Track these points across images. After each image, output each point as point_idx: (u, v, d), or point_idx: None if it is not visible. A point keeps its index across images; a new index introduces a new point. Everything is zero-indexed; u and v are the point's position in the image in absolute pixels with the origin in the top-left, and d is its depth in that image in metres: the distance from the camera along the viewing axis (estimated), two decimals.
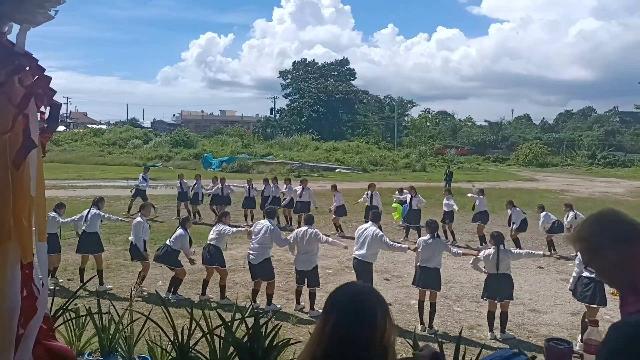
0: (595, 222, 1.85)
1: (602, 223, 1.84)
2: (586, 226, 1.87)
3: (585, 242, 1.83)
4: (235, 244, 12.50)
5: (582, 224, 1.91)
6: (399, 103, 71.74)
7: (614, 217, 1.86)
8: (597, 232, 1.80)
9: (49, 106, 2.17)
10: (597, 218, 1.87)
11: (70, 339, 4.92)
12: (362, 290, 1.61)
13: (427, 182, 32.72)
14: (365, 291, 1.60)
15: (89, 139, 53.18)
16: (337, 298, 1.57)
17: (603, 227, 1.82)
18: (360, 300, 1.54)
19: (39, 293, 2.17)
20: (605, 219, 1.86)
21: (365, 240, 7.91)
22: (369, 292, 1.59)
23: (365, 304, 1.53)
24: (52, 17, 2.04)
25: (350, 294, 1.57)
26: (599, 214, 1.91)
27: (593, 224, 1.85)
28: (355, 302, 1.53)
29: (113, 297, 8.21)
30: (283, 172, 36.98)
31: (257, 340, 3.55)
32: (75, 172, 33.21)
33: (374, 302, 1.54)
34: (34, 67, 2.07)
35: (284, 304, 8.51)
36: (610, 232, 1.78)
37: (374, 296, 1.57)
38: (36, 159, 2.14)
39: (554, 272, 11.04)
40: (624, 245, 1.74)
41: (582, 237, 1.85)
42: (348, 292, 1.58)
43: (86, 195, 21.10)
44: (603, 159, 53.28)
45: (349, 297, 1.55)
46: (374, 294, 1.58)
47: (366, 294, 1.58)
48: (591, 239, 1.81)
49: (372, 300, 1.55)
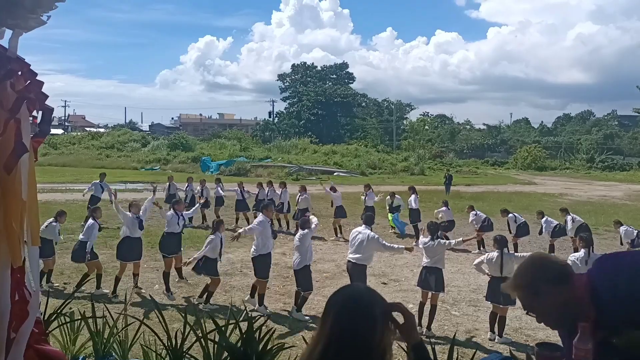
0: (530, 267, 1.95)
1: (536, 267, 1.93)
2: (522, 273, 1.95)
3: (524, 289, 1.92)
4: (233, 248, 12.47)
5: (518, 272, 1.99)
6: (398, 106, 71.83)
7: (546, 260, 1.97)
8: (534, 277, 1.89)
9: (41, 110, 2.17)
10: (530, 264, 1.97)
11: (64, 343, 4.91)
12: (360, 292, 1.61)
13: (426, 186, 32.74)
14: (363, 293, 1.60)
15: (87, 142, 53.18)
16: (334, 300, 1.58)
17: (538, 271, 1.91)
18: (358, 302, 1.54)
19: (31, 297, 2.17)
20: (538, 263, 1.96)
21: (360, 243, 7.90)
22: (367, 294, 1.59)
23: (362, 306, 1.53)
24: (44, 22, 2.05)
25: (348, 296, 1.58)
26: (530, 259, 2.02)
27: (528, 270, 1.94)
28: (353, 304, 1.54)
29: (108, 301, 8.20)
30: (281, 176, 37.02)
31: (250, 345, 3.54)
32: (73, 175, 33.16)
33: (372, 303, 1.55)
34: (25, 71, 2.07)
35: (280, 308, 8.50)
36: (546, 275, 1.88)
37: (372, 297, 1.57)
38: (28, 163, 2.14)
39: None
40: (560, 285, 1.85)
41: (520, 284, 1.93)
42: (345, 295, 1.59)
43: (83, 199, 21.05)
44: (601, 162, 53.34)
45: (346, 299, 1.56)
46: (371, 295, 1.58)
47: (364, 295, 1.58)
48: (529, 284, 1.89)
49: (370, 301, 1.55)
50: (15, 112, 2.02)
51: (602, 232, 15.30)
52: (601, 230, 15.54)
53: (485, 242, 13.66)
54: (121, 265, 8.93)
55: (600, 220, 17.14)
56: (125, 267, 8.95)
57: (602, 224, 16.48)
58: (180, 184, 17.78)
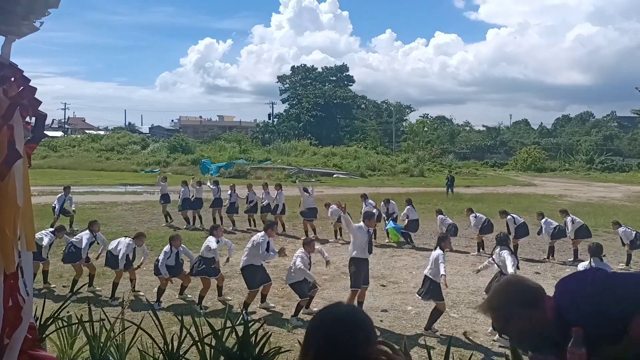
0: (504, 290, 1.99)
1: (510, 291, 1.97)
2: (496, 297, 1.99)
3: (498, 311, 1.96)
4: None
5: (492, 295, 2.03)
6: (397, 108, 71.91)
7: (521, 284, 2.00)
8: (507, 301, 1.93)
9: (34, 116, 2.17)
10: (505, 286, 2.02)
11: (62, 346, 4.91)
12: (340, 319, 1.47)
13: (425, 188, 32.76)
14: (344, 320, 1.46)
15: (86, 145, 53.23)
16: (313, 332, 1.48)
17: (512, 294, 1.95)
18: (337, 332, 1.42)
19: (24, 303, 2.17)
20: (511, 287, 2.00)
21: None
22: (347, 320, 1.46)
23: (343, 335, 1.41)
24: (37, 28, 2.05)
25: (326, 328, 1.45)
26: (505, 283, 2.06)
27: (502, 293, 1.98)
28: (332, 335, 1.42)
29: (105, 304, 8.20)
30: (281, 177, 37.03)
31: (247, 349, 3.54)
32: (73, 177, 33.15)
33: (353, 330, 1.43)
34: (19, 78, 2.07)
35: (279, 310, 8.50)
36: (519, 298, 1.92)
37: (353, 323, 1.45)
38: (22, 169, 2.14)
39: (550, 278, 11.02)
40: (531, 309, 1.90)
41: (494, 306, 1.97)
42: (324, 326, 1.47)
43: (83, 201, 21.07)
44: (601, 163, 53.37)
45: (325, 332, 1.44)
46: (353, 321, 1.46)
47: (344, 322, 1.45)
48: (502, 308, 1.93)
49: (351, 328, 1.44)
50: (8, 118, 2.02)
51: (602, 233, 15.30)
52: (600, 231, 15.54)
53: (485, 243, 13.67)
54: (117, 272, 8.91)
55: (599, 222, 17.14)
56: (121, 274, 8.94)
57: (601, 225, 16.48)
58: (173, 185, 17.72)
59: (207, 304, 8.67)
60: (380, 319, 8.14)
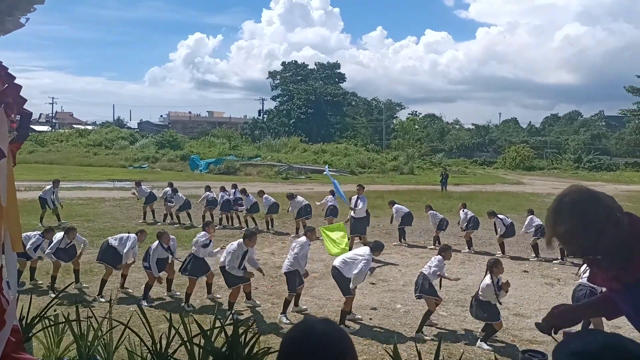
0: (595, 201, 1.61)
1: (602, 200, 1.62)
2: (586, 210, 1.60)
3: (589, 227, 1.58)
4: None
5: (574, 210, 1.62)
6: (387, 106, 72.00)
7: (602, 194, 1.65)
8: (603, 212, 1.59)
9: (19, 115, 2.12)
10: (592, 197, 1.63)
11: (48, 345, 4.85)
12: (314, 342, 1.30)
13: (415, 185, 32.87)
14: (316, 344, 1.30)
15: (74, 140, 52.74)
16: (286, 351, 1.34)
17: (606, 204, 1.60)
18: (310, 351, 1.29)
19: (8, 305, 2.12)
20: (601, 196, 1.64)
21: None
22: (320, 344, 1.30)
23: (316, 355, 1.28)
24: (22, 24, 2.00)
25: (298, 347, 1.31)
26: (579, 193, 1.65)
27: (594, 205, 1.60)
28: (304, 352, 1.29)
29: (92, 302, 8.13)
30: (271, 174, 36.95)
31: (236, 349, 3.51)
32: (60, 173, 32.77)
33: (326, 350, 1.28)
34: (3, 75, 2.02)
35: (268, 308, 8.47)
36: (613, 204, 1.60)
37: (327, 346, 1.29)
38: (6, 168, 2.09)
39: (538, 276, 11.11)
40: (624, 216, 1.59)
41: (586, 222, 1.58)
42: (298, 352, 1.31)
43: (71, 196, 20.87)
44: (589, 162, 53.86)
45: (296, 352, 1.31)
46: (326, 344, 1.30)
47: (315, 346, 1.29)
48: (597, 221, 1.57)
49: (323, 347, 1.29)
50: None
51: None
52: None
53: (473, 240, 13.73)
54: (107, 268, 8.82)
55: None
56: (111, 270, 8.85)
57: None
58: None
59: (195, 302, 8.63)
60: (370, 317, 8.15)
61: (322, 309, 8.51)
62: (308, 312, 8.30)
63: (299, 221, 14.82)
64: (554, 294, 9.77)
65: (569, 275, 10.87)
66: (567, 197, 1.65)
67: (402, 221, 14.17)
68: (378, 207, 18.11)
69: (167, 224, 16.02)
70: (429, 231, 14.65)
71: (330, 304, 8.71)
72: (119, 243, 8.91)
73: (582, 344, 1.09)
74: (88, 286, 9.29)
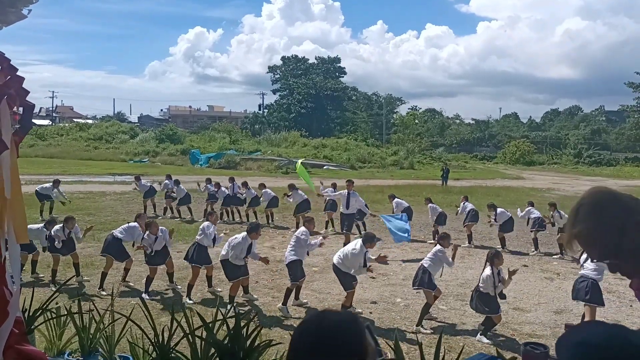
0: (613, 199, 1.55)
1: (621, 199, 1.55)
2: (605, 208, 1.54)
3: (609, 225, 1.51)
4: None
5: (594, 208, 1.56)
6: (388, 100, 71.91)
7: (620, 193, 1.59)
8: (623, 209, 1.52)
9: (22, 107, 2.12)
10: (610, 196, 1.57)
11: (50, 338, 4.87)
12: (327, 333, 1.22)
13: (415, 180, 32.87)
14: (331, 334, 1.21)
15: (74, 134, 52.68)
16: (297, 346, 1.24)
17: (626, 202, 1.54)
18: (326, 343, 1.19)
19: (11, 297, 2.13)
20: (619, 195, 1.58)
21: None
22: (336, 335, 1.21)
23: (331, 348, 1.19)
24: (24, 16, 1.99)
25: (311, 342, 1.22)
26: (607, 192, 1.59)
27: (613, 202, 1.54)
28: (320, 345, 1.20)
29: (95, 295, 8.15)
30: (271, 169, 36.93)
31: (238, 341, 3.52)
32: (60, 167, 32.84)
33: (343, 344, 1.20)
34: (5, 67, 2.02)
35: (269, 302, 8.49)
36: (635, 206, 1.53)
37: (343, 338, 1.21)
38: (9, 160, 2.09)
39: (538, 271, 11.14)
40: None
41: (604, 220, 1.52)
42: (309, 340, 1.23)
43: (71, 190, 20.87)
44: (589, 157, 53.85)
45: (310, 347, 1.22)
46: (343, 335, 1.21)
47: (331, 337, 1.20)
48: (618, 218, 1.50)
49: (340, 345, 1.20)
50: None
51: None
52: None
53: (473, 235, 13.75)
54: (108, 260, 8.84)
55: None
56: (112, 263, 8.87)
57: None
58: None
59: (196, 295, 8.65)
60: (370, 311, 8.17)
61: (322, 303, 8.53)
62: (309, 306, 8.32)
63: (298, 216, 14.83)
64: (554, 288, 9.79)
65: (569, 269, 10.90)
66: (587, 198, 1.60)
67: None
68: (378, 201, 18.13)
69: (168, 217, 16.04)
70: (428, 225, 14.66)
71: (330, 298, 8.74)
72: (126, 233, 8.94)
73: (585, 335, 1.09)
74: (89, 279, 9.31)
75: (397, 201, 14.41)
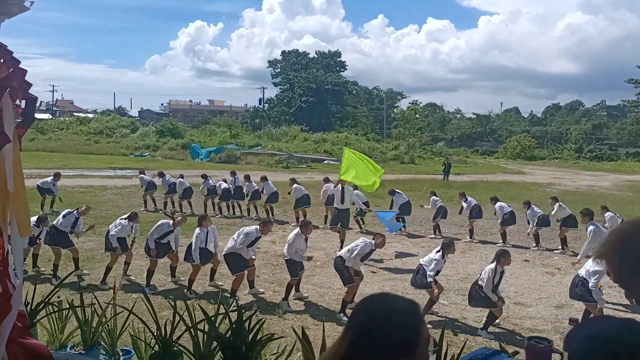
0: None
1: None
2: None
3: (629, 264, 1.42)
4: (222, 236, 12.43)
5: (615, 247, 1.48)
6: (388, 95, 71.74)
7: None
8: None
9: (24, 99, 2.11)
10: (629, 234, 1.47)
11: (52, 331, 4.87)
12: (386, 310, 1.27)
13: (416, 175, 32.83)
14: (391, 312, 1.26)
15: (75, 128, 52.57)
16: (356, 315, 1.31)
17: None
18: (375, 326, 1.24)
19: (14, 290, 2.12)
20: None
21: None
22: (396, 314, 1.26)
23: (380, 332, 1.23)
24: (27, 8, 1.98)
25: (368, 315, 1.27)
26: (625, 230, 1.51)
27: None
28: (369, 329, 1.24)
29: (96, 288, 8.16)
30: (271, 163, 36.90)
31: (240, 335, 3.53)
32: (61, 161, 32.81)
33: (398, 327, 1.23)
34: (8, 59, 2.01)
35: (270, 296, 8.51)
36: None
37: (401, 318, 1.25)
38: (12, 153, 2.08)
39: (539, 265, 11.14)
40: None
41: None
42: (368, 311, 1.29)
43: (72, 184, 20.89)
44: (590, 152, 53.79)
45: (368, 317, 1.27)
46: (400, 316, 1.25)
47: (391, 315, 1.25)
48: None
49: (396, 324, 1.24)
50: None
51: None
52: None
53: (474, 230, 13.76)
54: (112, 256, 8.86)
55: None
56: (117, 258, 8.89)
57: None
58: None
59: (197, 288, 8.66)
60: None
61: (323, 297, 8.54)
62: (309, 299, 8.34)
63: (298, 211, 14.83)
64: (555, 283, 9.80)
65: (570, 264, 10.89)
66: (621, 230, 1.54)
67: (400, 210, 14.22)
68: (378, 196, 18.10)
69: (169, 212, 16.05)
70: (429, 220, 14.66)
71: (331, 292, 8.75)
72: (119, 229, 8.93)
73: (596, 329, 1.09)
74: (89, 273, 9.33)
75: (397, 196, 14.42)
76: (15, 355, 2.15)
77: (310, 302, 8.27)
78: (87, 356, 4.56)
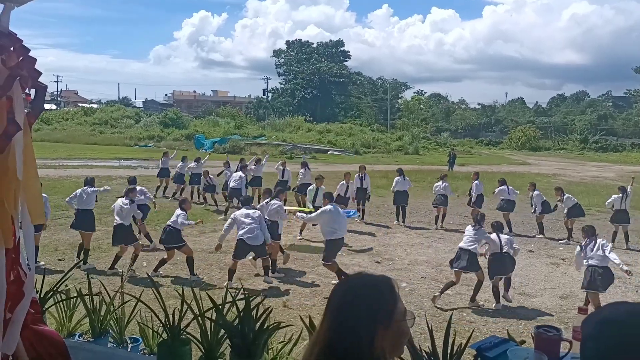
0: None
1: None
2: None
3: None
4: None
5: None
6: (393, 85, 71.44)
7: None
8: None
9: (34, 88, 2.11)
10: None
11: (61, 320, 4.92)
12: (361, 284, 1.37)
13: (420, 165, 32.78)
14: (367, 286, 1.35)
15: (79, 118, 52.66)
16: (336, 292, 1.39)
17: None
18: (353, 298, 1.33)
19: (26, 277, 2.14)
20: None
21: None
22: (371, 287, 1.35)
23: (358, 303, 1.31)
24: None
25: (344, 291, 1.38)
26: None
27: None
28: (348, 301, 1.33)
29: (104, 277, 8.20)
30: (275, 154, 36.90)
31: (248, 324, 3.56)
32: (66, 151, 32.93)
33: (370, 301, 1.31)
34: (18, 47, 2.01)
35: (276, 285, 8.55)
36: None
37: (376, 290, 1.33)
38: (22, 142, 2.09)
39: (544, 256, 11.15)
40: None
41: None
42: (342, 289, 1.40)
43: (77, 174, 20.95)
44: (595, 143, 53.50)
45: (342, 295, 1.36)
46: (376, 288, 1.34)
47: (365, 288, 1.34)
48: None
49: (371, 296, 1.32)
50: (7, 89, 1.96)
51: (595, 212, 15.42)
52: (593, 210, 15.65)
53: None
54: (122, 247, 8.94)
55: (593, 201, 17.22)
56: (125, 249, 8.96)
57: (594, 204, 16.57)
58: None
59: (203, 277, 8.72)
60: None
61: (327, 287, 8.58)
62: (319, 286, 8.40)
63: (299, 196, 15.00)
64: (560, 274, 9.81)
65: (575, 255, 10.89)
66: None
67: (395, 199, 14.20)
68: (383, 187, 18.12)
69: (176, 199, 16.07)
70: (431, 212, 14.66)
71: (336, 282, 8.78)
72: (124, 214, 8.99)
73: (607, 313, 1.11)
74: (94, 265, 9.38)
75: (397, 179, 14.43)
76: (28, 341, 2.17)
77: (316, 292, 8.31)
78: (96, 344, 4.60)
